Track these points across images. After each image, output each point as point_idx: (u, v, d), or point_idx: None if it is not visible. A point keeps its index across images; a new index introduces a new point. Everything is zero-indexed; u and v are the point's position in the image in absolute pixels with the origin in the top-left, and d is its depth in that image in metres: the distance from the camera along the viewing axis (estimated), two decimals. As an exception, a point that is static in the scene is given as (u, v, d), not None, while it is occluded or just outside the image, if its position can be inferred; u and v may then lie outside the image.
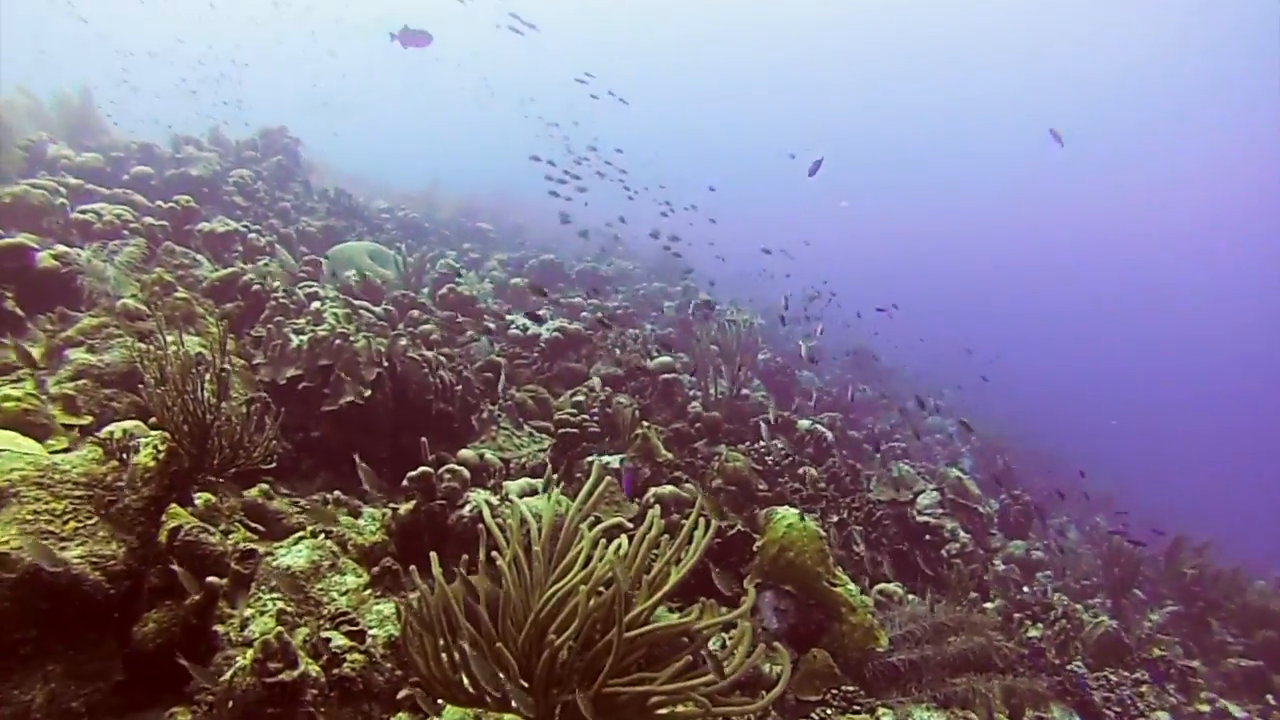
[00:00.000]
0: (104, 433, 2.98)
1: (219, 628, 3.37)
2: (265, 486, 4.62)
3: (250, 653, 2.82)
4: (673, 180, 15.17)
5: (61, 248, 5.80)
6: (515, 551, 3.35)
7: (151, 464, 2.83)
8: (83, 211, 6.95)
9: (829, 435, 8.33)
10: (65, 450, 3.78)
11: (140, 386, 3.14)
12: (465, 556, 3.73)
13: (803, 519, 5.13)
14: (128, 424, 3.01)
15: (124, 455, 2.79)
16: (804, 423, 8.34)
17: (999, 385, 16.32)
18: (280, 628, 3.00)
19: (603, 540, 3.62)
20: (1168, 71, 43.04)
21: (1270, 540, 12.71)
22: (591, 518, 3.92)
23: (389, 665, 3.58)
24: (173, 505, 3.27)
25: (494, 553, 3.42)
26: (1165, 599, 9.08)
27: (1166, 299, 56.40)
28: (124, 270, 6.00)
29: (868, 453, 10.99)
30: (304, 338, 5.44)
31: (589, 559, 3.44)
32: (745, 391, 9.75)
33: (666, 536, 3.50)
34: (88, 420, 3.98)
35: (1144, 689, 6.01)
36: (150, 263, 6.68)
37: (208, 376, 3.20)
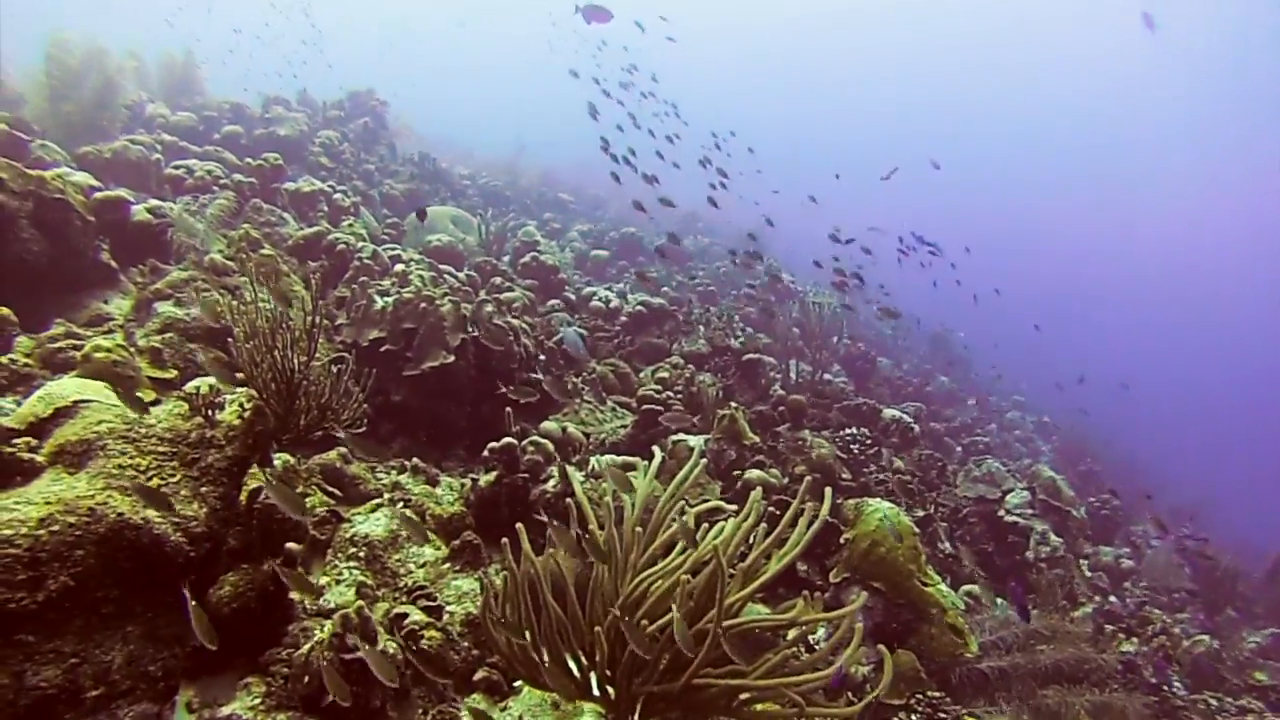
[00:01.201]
0: (189, 387, 2.86)
1: (295, 595, 3.27)
2: (343, 450, 4.53)
3: (329, 625, 2.69)
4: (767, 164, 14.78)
5: (155, 202, 5.79)
6: (609, 531, 3.17)
7: (237, 422, 2.72)
8: (175, 167, 6.98)
9: (915, 426, 7.97)
10: (153, 403, 3.73)
11: (229, 341, 3.01)
12: (549, 534, 3.56)
13: (898, 514, 4.85)
14: (213, 379, 2.88)
15: (209, 411, 2.68)
16: (890, 411, 7.99)
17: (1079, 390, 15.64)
18: (361, 601, 2.87)
19: (703, 524, 3.44)
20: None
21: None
22: (682, 502, 3.74)
23: (466, 644, 3.44)
24: (254, 466, 3.17)
25: (582, 530, 3.26)
26: (1260, 620, 8.52)
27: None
28: (213, 225, 5.97)
29: (949, 446, 10.57)
30: (389, 299, 5.33)
31: (684, 545, 3.25)
32: (827, 376, 9.43)
33: (764, 526, 3.29)
34: (173, 374, 3.92)
35: (1249, 718, 5.58)
36: (238, 218, 6.67)
37: (297, 333, 3.06)
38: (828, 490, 3.54)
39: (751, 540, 3.21)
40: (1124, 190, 54.43)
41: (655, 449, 4.10)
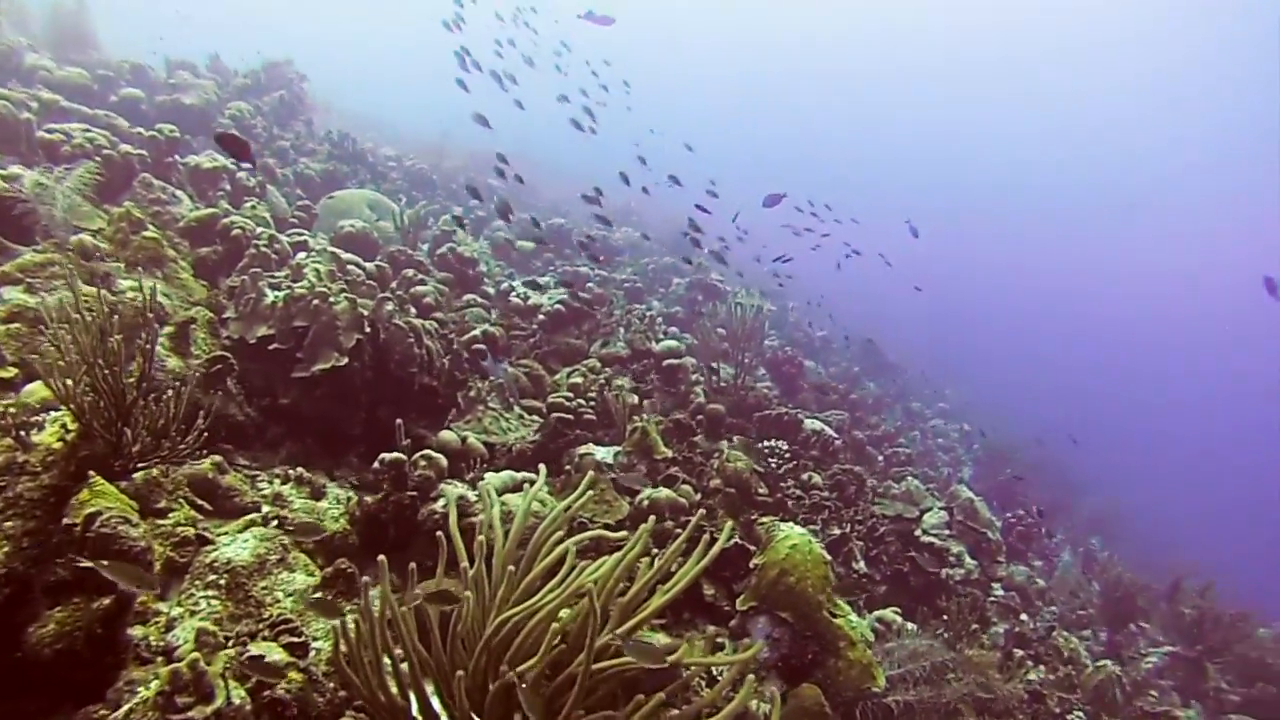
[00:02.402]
0: None
1: (138, 630, 2.90)
2: (219, 459, 4.12)
3: (155, 684, 2.35)
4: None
5: (16, 169, 5.26)
6: (479, 566, 2.90)
7: (58, 445, 2.34)
8: (50, 131, 6.36)
9: (836, 439, 7.85)
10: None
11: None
12: (431, 562, 3.25)
13: (809, 542, 4.66)
14: (37, 389, 2.49)
15: (21, 432, 2.30)
16: (811, 423, 7.85)
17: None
18: (197, 652, 2.52)
19: (579, 554, 3.19)
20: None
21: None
22: (574, 522, 3.47)
23: (331, 685, 3.11)
24: (97, 481, 2.78)
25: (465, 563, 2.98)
26: (1160, 639, 8.69)
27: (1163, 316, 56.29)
28: (74, 197, 5.44)
29: (871, 456, 10.53)
30: (280, 294, 4.92)
31: (563, 577, 3.01)
32: (753, 382, 9.27)
33: (655, 551, 3.07)
34: (12, 373, 3.47)
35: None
36: (122, 195, 6.14)
37: (144, 336, 2.67)
38: (728, 525, 3.31)
39: (637, 573, 2.99)
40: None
41: (540, 467, 3.84)
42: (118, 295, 4.56)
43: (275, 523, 3.81)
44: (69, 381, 2.37)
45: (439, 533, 2.91)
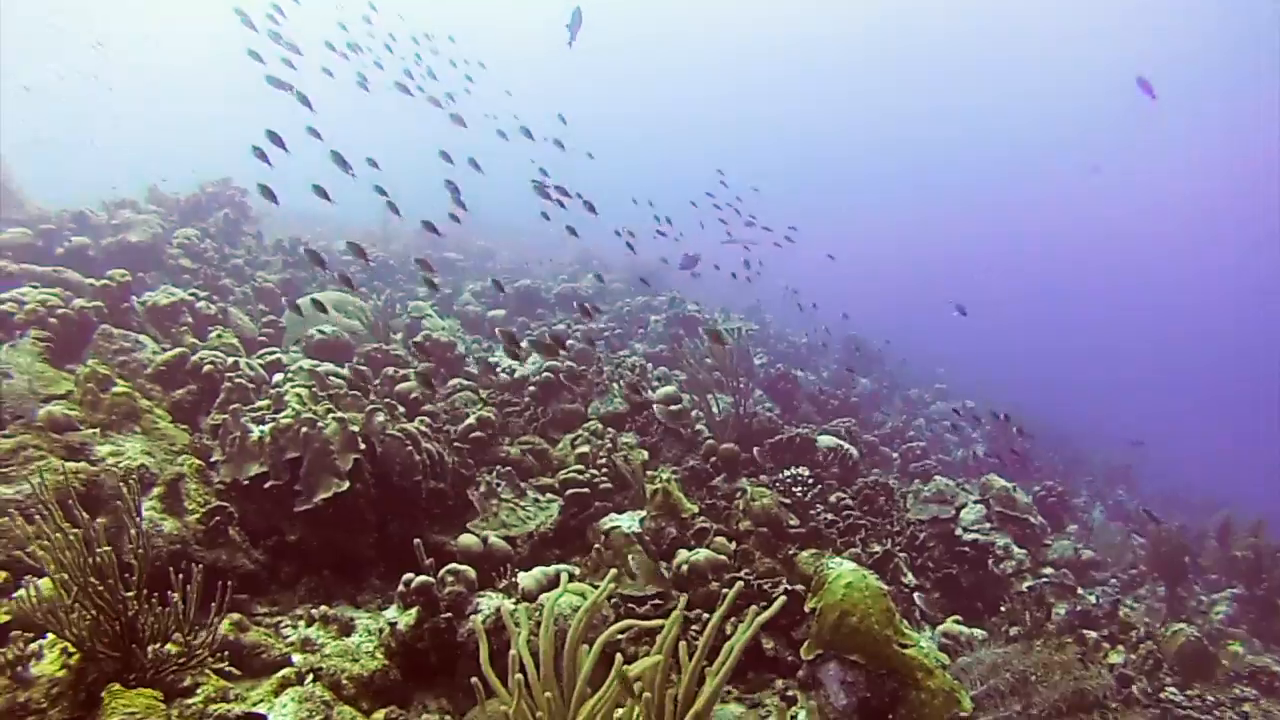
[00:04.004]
0: None
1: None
2: (237, 616, 3.88)
3: None
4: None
5: (-26, 352, 5.04)
6: (518, 703, 2.69)
7: (62, 674, 2.12)
8: (1, 301, 6.15)
9: (854, 451, 7.68)
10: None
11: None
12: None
13: (863, 577, 4.46)
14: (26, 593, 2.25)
15: (16, 668, 2.07)
16: (825, 439, 7.69)
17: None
18: None
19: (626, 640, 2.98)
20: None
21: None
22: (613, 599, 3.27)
23: None
24: (109, 692, 2.54)
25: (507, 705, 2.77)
26: (1217, 582, 8.52)
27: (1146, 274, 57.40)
28: (36, 364, 5.21)
29: (887, 457, 10.38)
30: (265, 428, 4.70)
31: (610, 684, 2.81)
32: (753, 409, 9.11)
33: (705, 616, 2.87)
34: (0, 577, 3.23)
35: (1247, 707, 5.40)
36: (83, 351, 5.91)
37: (133, 534, 2.45)
38: (778, 600, 3.12)
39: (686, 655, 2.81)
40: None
41: (562, 573, 3.64)
42: (96, 464, 4.34)
43: (310, 676, 3.57)
44: (60, 610, 2.14)
45: (474, 679, 2.69)
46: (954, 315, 9.94)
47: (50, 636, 2.26)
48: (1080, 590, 7.01)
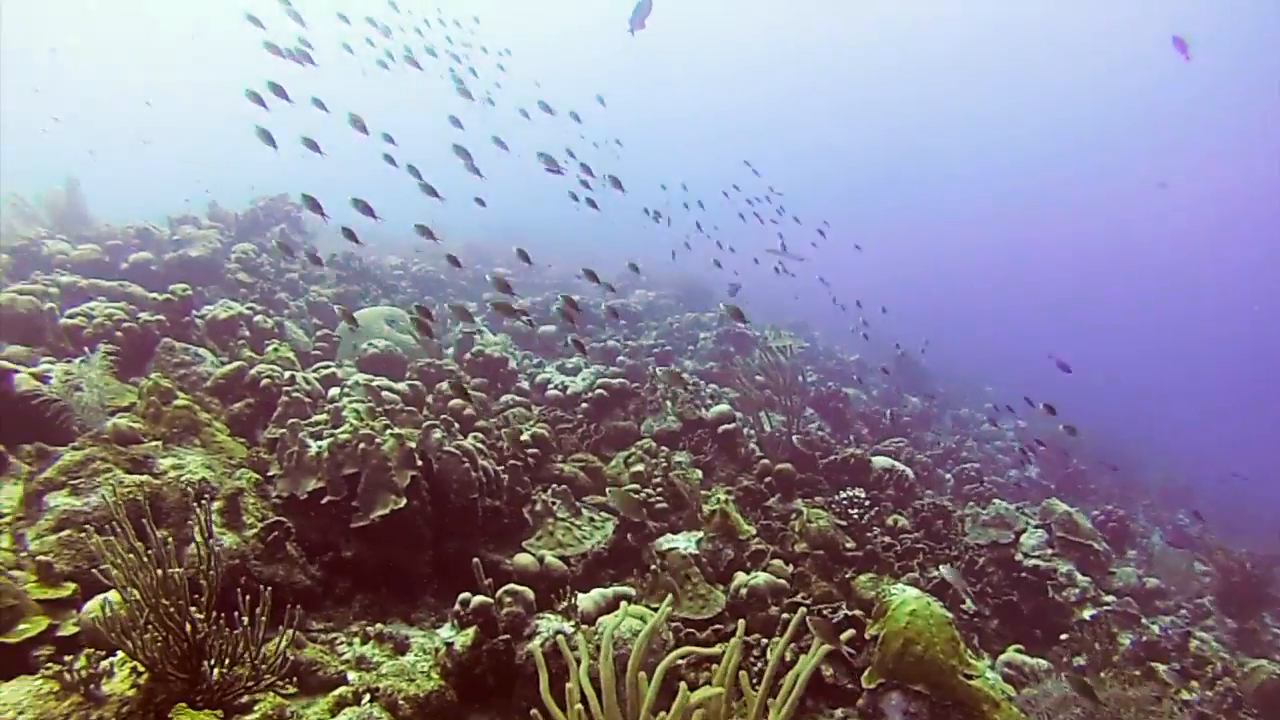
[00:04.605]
0: (52, 664, 2.21)
1: None
2: (293, 633, 3.87)
3: None
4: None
5: (45, 364, 5.14)
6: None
7: (132, 693, 2.10)
8: (71, 316, 6.29)
9: (909, 473, 7.51)
10: (41, 633, 3.07)
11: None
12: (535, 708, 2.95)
13: (928, 605, 4.33)
14: (96, 606, 2.24)
15: (89, 685, 2.06)
16: (880, 460, 7.53)
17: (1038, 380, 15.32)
18: None
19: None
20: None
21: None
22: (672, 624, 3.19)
23: None
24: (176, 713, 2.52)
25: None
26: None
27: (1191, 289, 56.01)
28: (103, 378, 5.30)
29: (940, 477, 10.15)
30: (323, 443, 4.71)
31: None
32: (806, 428, 8.99)
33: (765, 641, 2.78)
34: (69, 590, 3.26)
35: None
36: (146, 364, 6.01)
37: (204, 555, 2.43)
38: (845, 635, 3.03)
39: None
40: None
41: (622, 599, 3.56)
42: (159, 477, 4.38)
43: (368, 696, 3.54)
44: (134, 631, 2.13)
45: (534, 711, 2.63)
46: (1056, 367, 9.56)
47: (120, 654, 2.25)
48: (1145, 620, 6.76)
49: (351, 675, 3.89)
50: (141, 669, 2.14)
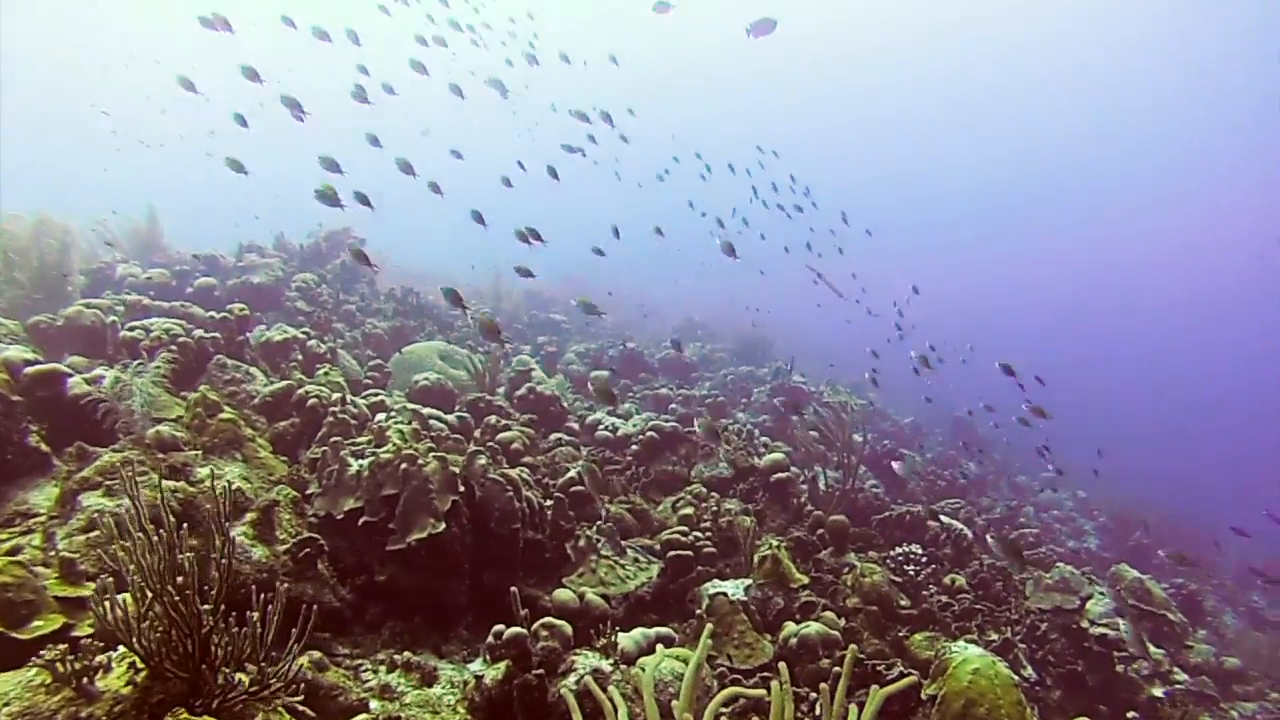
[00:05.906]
0: (48, 653, 2.05)
1: None
2: (317, 654, 3.71)
3: None
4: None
5: (99, 370, 5.14)
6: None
7: (127, 690, 1.95)
8: (131, 328, 6.37)
9: (967, 532, 7.14)
10: (55, 631, 2.94)
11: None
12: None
13: (993, 664, 4.00)
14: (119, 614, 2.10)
15: (83, 679, 1.90)
16: (938, 520, 7.18)
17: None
18: None
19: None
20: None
21: None
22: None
23: None
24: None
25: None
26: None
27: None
28: (152, 388, 5.30)
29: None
30: (364, 462, 4.59)
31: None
32: (859, 484, 8.66)
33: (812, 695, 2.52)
34: (89, 590, 3.14)
35: None
36: (199, 379, 6.01)
37: (219, 544, 2.28)
38: (906, 680, 2.76)
39: None
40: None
41: (660, 641, 3.31)
42: (195, 485, 4.29)
43: (389, 726, 3.34)
44: (131, 616, 1.97)
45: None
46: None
47: (121, 649, 2.11)
48: (1223, 704, 6.26)
49: (374, 704, 3.70)
50: (140, 665, 1.98)
